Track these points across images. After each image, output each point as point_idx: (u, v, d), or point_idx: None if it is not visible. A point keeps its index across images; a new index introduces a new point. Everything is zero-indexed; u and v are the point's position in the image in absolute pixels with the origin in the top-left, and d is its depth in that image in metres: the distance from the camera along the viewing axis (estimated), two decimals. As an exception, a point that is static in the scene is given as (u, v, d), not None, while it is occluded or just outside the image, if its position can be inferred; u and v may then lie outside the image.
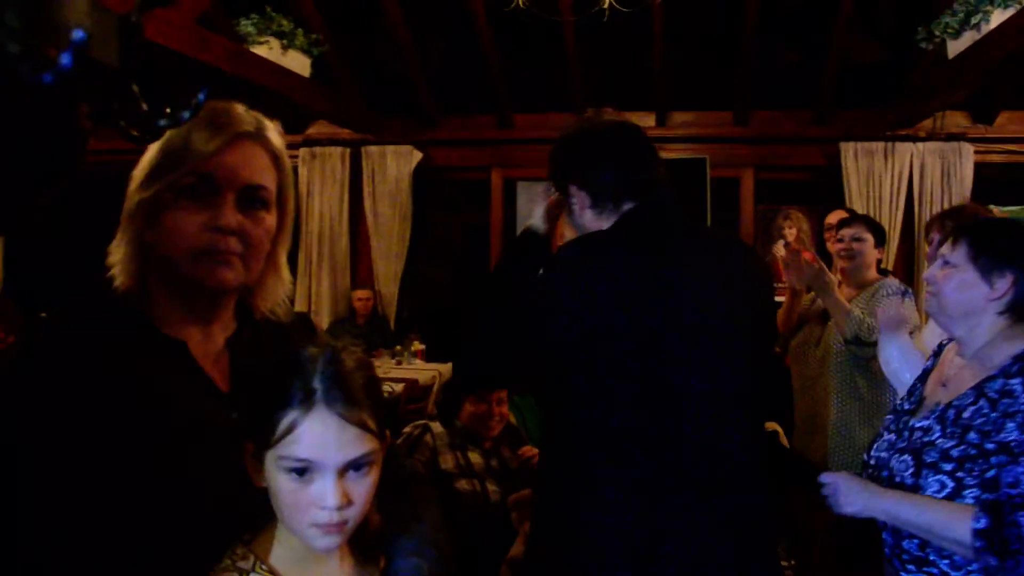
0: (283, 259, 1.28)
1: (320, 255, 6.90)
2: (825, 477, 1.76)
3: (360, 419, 1.02)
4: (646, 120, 6.32)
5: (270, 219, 1.18)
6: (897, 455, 1.73)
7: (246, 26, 5.12)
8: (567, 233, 1.81)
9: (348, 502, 1.01)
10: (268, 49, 5.19)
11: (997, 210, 5.39)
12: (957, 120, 5.86)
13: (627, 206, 1.68)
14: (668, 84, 5.96)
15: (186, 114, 0.86)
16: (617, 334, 1.52)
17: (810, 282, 3.29)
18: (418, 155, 6.69)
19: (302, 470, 1.01)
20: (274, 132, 1.20)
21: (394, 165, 6.71)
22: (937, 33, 4.54)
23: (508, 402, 3.14)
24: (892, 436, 1.82)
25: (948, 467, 1.60)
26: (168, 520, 1.03)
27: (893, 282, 3.32)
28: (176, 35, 4.23)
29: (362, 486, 1.04)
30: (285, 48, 5.29)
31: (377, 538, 1.15)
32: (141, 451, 1.02)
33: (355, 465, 1.03)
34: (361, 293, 6.60)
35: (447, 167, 6.84)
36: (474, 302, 1.78)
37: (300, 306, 6.89)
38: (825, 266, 3.27)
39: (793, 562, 2.40)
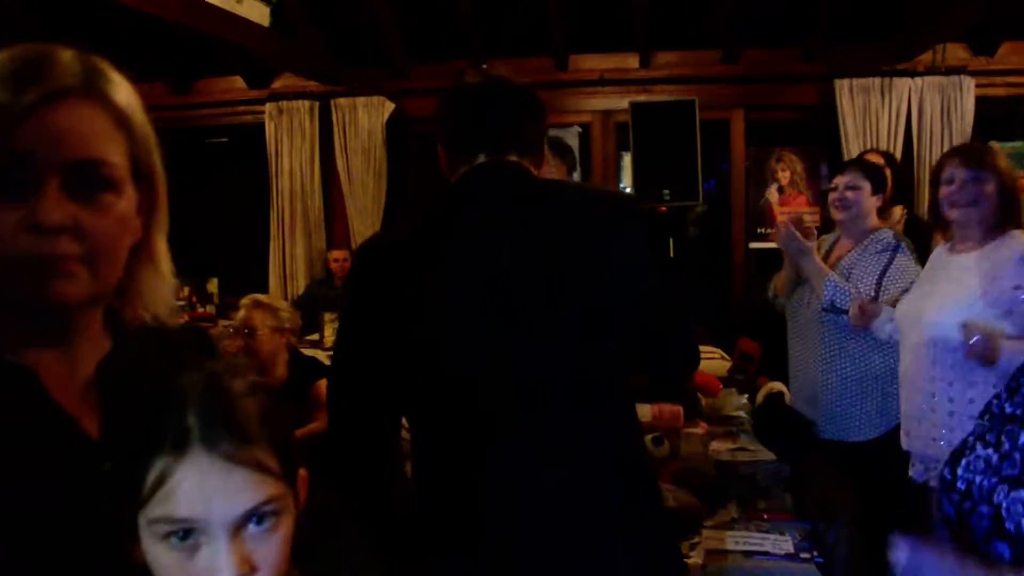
0: (161, 248, 1.00)
1: (293, 215, 6.60)
2: (900, 543, 1.19)
3: (253, 458, 0.78)
4: (629, 61, 6.01)
5: (123, 203, 0.87)
6: (1009, 488, 1.16)
7: (197, -28, 4.74)
8: None
9: (251, 569, 0.76)
10: (221, -4, 4.83)
11: (998, 146, 5.13)
12: (957, 53, 5.54)
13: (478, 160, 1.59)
14: (651, 23, 5.63)
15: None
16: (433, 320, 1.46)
17: (782, 246, 3.05)
18: (390, 106, 6.35)
19: (183, 534, 0.75)
20: (118, 84, 0.90)
21: (365, 118, 6.38)
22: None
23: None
24: (991, 453, 1.24)
25: None
26: None
27: (886, 234, 3.05)
28: (114, -18, 3.89)
29: (269, 544, 0.79)
30: (240, -5, 4.93)
31: None
32: None
33: (254, 518, 0.77)
34: (337, 253, 6.30)
35: (422, 119, 6.49)
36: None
37: (274, 271, 6.61)
38: (795, 230, 3.00)
39: (815, 553, 2.16)
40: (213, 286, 6.78)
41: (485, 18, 5.77)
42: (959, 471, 1.27)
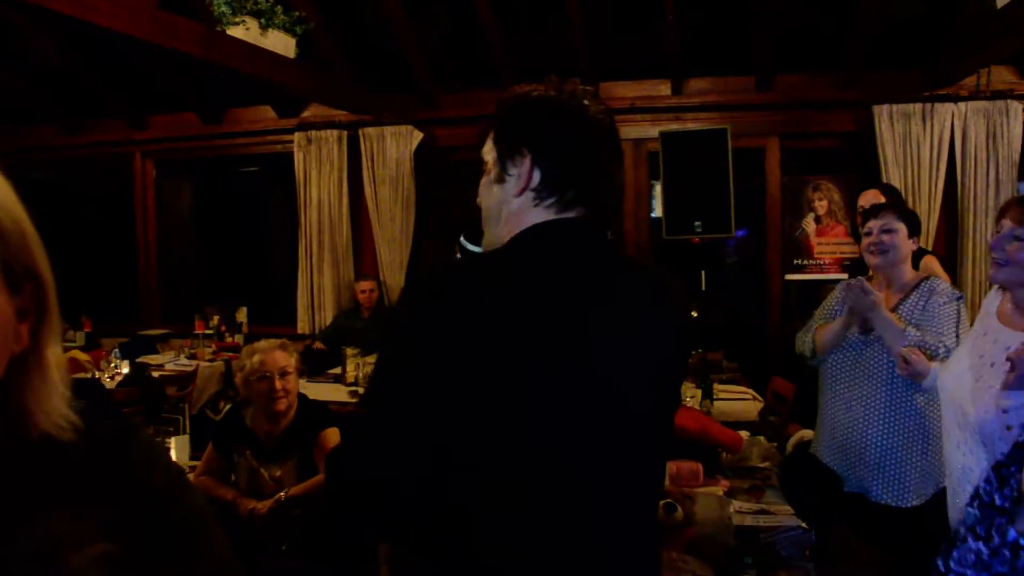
0: (51, 356, 0.89)
1: (320, 245, 6.58)
2: None
3: None
4: (661, 88, 5.87)
5: None
6: None
7: (219, 6, 4.72)
8: (481, 202, 1.43)
9: None
10: (245, 30, 4.80)
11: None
12: (1003, 76, 5.30)
13: (573, 211, 1.33)
14: (683, 48, 5.49)
15: None
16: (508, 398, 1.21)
17: (852, 304, 2.85)
18: (419, 135, 6.29)
19: None
20: None
21: (394, 147, 6.33)
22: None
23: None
24: (982, 547, 1.23)
25: None
26: None
27: (942, 284, 2.86)
28: (133, 21, 3.88)
29: None
30: (264, 28, 4.90)
31: None
32: None
33: None
34: (365, 284, 6.23)
35: (451, 147, 6.42)
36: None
37: (302, 301, 6.58)
38: (867, 285, 2.81)
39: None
40: (242, 315, 6.77)
41: (513, 45, 5.69)
42: (952, 564, 1.29)
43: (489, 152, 1.40)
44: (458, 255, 1.54)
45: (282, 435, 3.13)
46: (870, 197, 3.82)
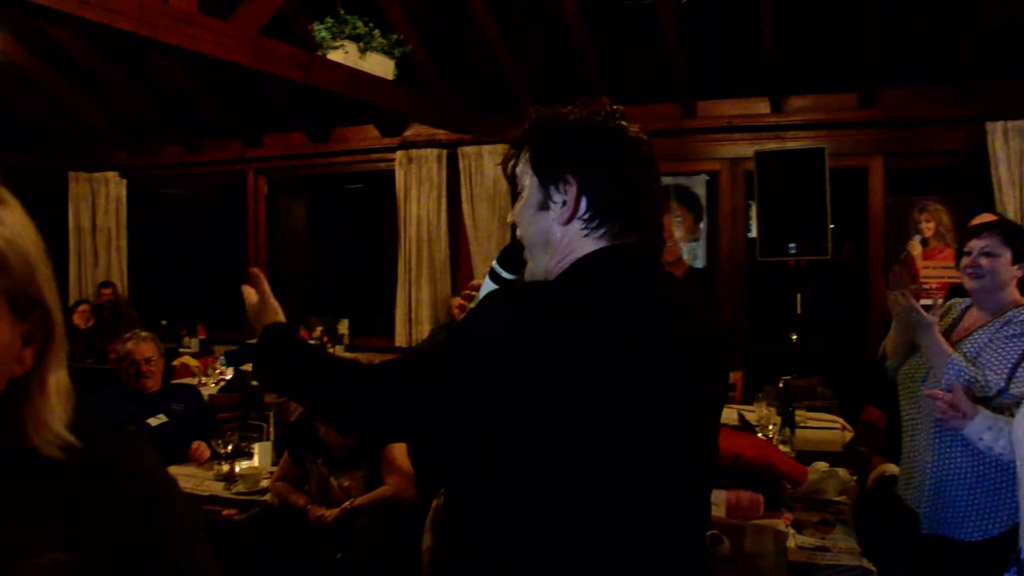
0: (53, 381, 0.96)
1: (419, 261, 6.73)
2: None
3: None
4: (759, 106, 5.74)
5: None
6: None
7: (320, 31, 4.93)
8: (522, 230, 1.40)
9: None
10: (344, 54, 5.00)
11: None
12: None
13: (624, 238, 1.30)
14: (782, 65, 5.35)
15: None
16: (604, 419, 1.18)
17: (898, 317, 2.69)
18: (515, 154, 6.35)
19: None
20: (1, 219, 0.87)
21: (491, 165, 6.43)
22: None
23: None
24: None
25: None
26: None
27: None
28: (235, 48, 4.10)
29: None
30: (363, 51, 5.08)
31: None
32: None
33: None
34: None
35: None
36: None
37: (400, 315, 6.75)
38: (916, 303, 2.63)
39: None
40: (344, 327, 6.99)
41: (607, 64, 5.69)
42: None
43: (526, 176, 1.37)
44: (488, 280, 1.53)
45: (352, 446, 3.23)
46: (985, 219, 3.59)
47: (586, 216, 1.30)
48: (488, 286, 1.50)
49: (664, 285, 1.35)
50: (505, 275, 1.49)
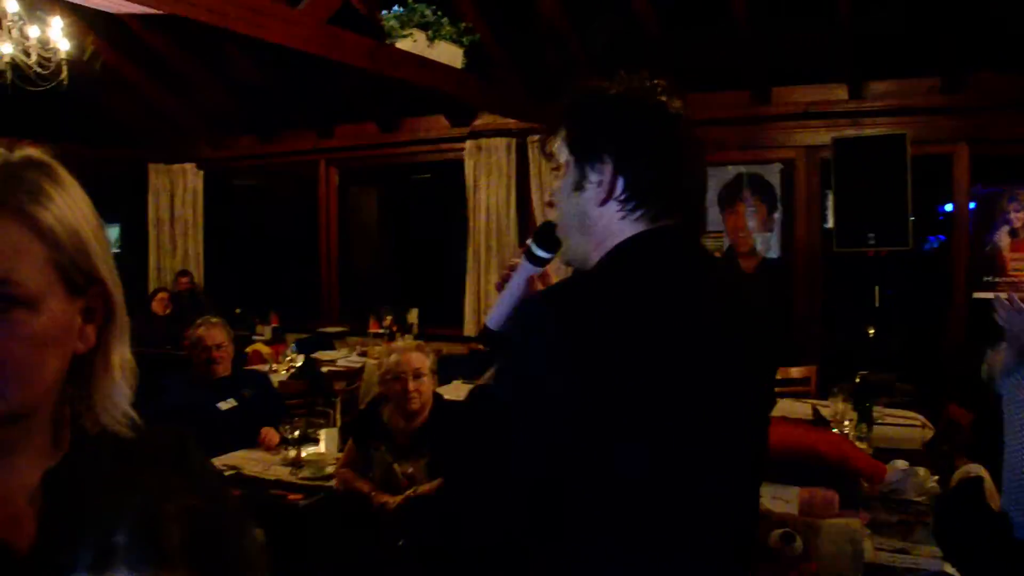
0: (117, 356, 0.96)
1: (488, 250, 6.73)
2: None
3: None
4: (837, 92, 5.55)
5: (42, 319, 0.81)
6: None
7: (388, 20, 4.95)
8: (554, 215, 1.35)
9: None
10: (412, 42, 5.00)
11: None
12: None
13: (663, 221, 1.25)
14: (862, 48, 5.16)
15: None
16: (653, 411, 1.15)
17: (1004, 323, 2.58)
18: (584, 143, 6.29)
19: None
20: (48, 192, 0.83)
21: (560, 154, 6.37)
22: None
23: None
24: None
25: None
26: None
27: None
28: (304, 36, 4.13)
29: None
30: (431, 40, 5.08)
31: None
32: None
33: None
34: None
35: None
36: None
37: (469, 304, 6.75)
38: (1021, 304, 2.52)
39: None
40: (413, 316, 7.03)
41: (678, 50, 5.57)
42: None
43: (563, 154, 1.32)
44: (524, 260, 1.47)
45: (415, 433, 3.23)
46: None
47: (622, 197, 1.24)
48: (525, 266, 1.43)
49: (710, 270, 1.31)
50: (542, 254, 1.44)
